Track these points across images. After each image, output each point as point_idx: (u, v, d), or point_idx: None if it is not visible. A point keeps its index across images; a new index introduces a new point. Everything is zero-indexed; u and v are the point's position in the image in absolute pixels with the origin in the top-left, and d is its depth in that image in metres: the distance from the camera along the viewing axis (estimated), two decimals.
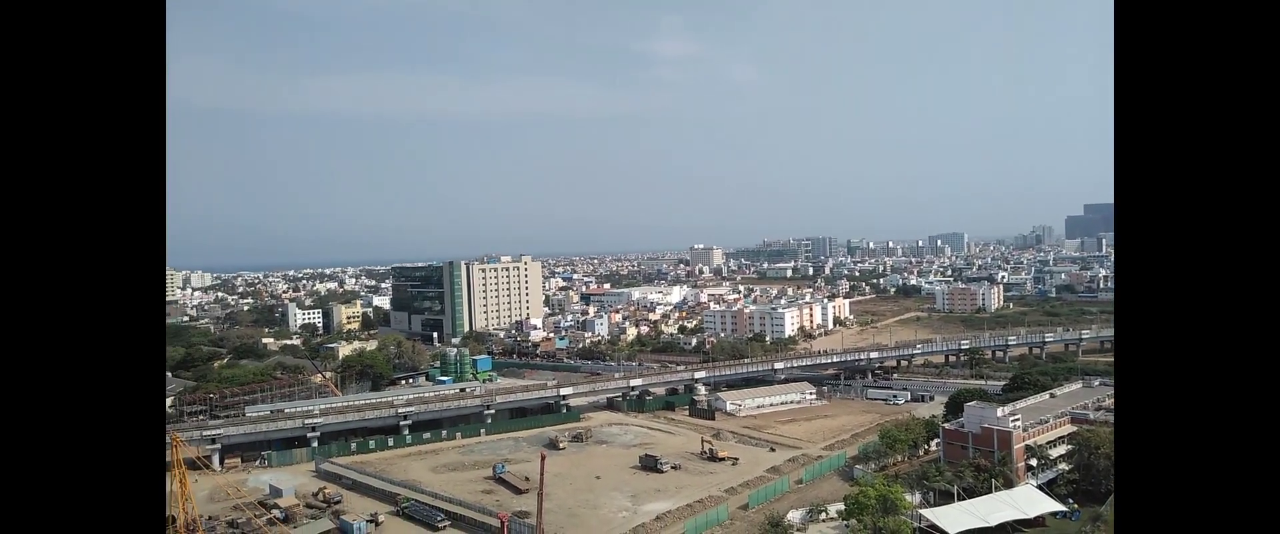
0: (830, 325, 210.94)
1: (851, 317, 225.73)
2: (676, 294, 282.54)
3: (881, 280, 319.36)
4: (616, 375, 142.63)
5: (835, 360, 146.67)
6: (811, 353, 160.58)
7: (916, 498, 70.15)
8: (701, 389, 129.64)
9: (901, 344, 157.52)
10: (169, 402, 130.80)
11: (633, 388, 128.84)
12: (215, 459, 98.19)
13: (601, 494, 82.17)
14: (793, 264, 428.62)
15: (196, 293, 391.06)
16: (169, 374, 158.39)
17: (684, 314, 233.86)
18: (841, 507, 66.36)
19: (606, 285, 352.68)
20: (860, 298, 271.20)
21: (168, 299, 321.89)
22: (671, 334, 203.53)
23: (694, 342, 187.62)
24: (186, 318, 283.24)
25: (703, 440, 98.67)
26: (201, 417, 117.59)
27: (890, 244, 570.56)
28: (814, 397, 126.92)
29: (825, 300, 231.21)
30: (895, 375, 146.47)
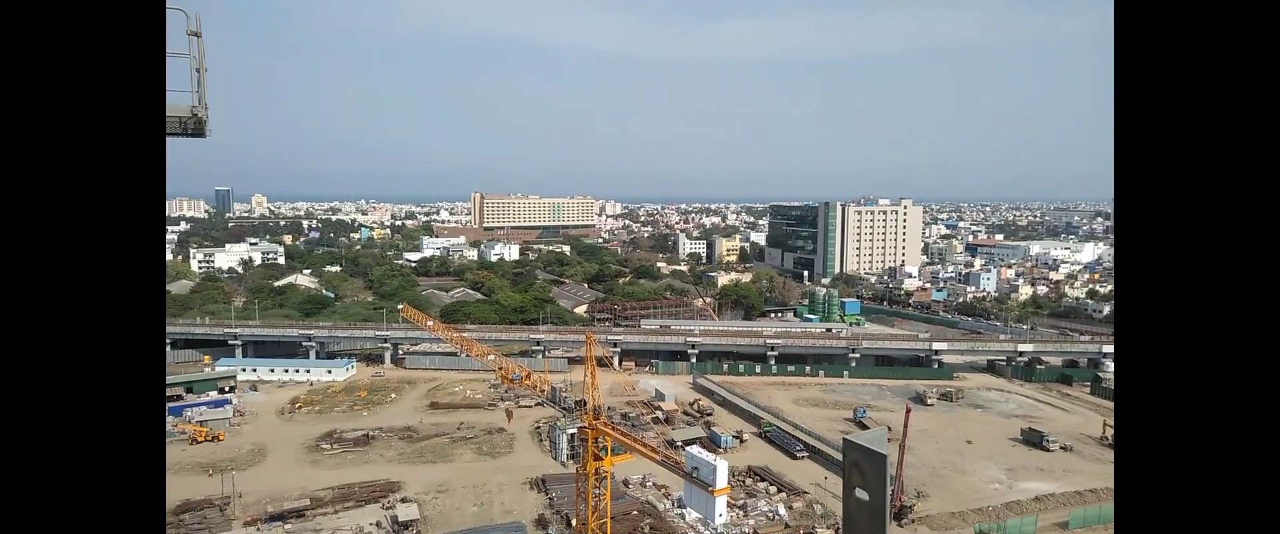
0: None
1: None
2: (1088, 252, 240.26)
3: None
4: (1001, 337, 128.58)
5: None
6: None
7: None
8: (1111, 365, 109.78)
9: None
10: (582, 309, 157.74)
11: (1020, 353, 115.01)
12: (615, 360, 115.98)
13: (971, 460, 76.30)
14: None
15: (609, 219, 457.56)
16: (584, 285, 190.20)
17: (1096, 277, 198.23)
18: None
19: (998, 236, 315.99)
20: None
21: (587, 223, 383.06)
22: (1077, 298, 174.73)
23: (1106, 309, 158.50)
24: (601, 240, 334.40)
25: (1106, 424, 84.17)
26: (607, 324, 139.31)
27: None
28: None
29: None
30: None
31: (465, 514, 64.04)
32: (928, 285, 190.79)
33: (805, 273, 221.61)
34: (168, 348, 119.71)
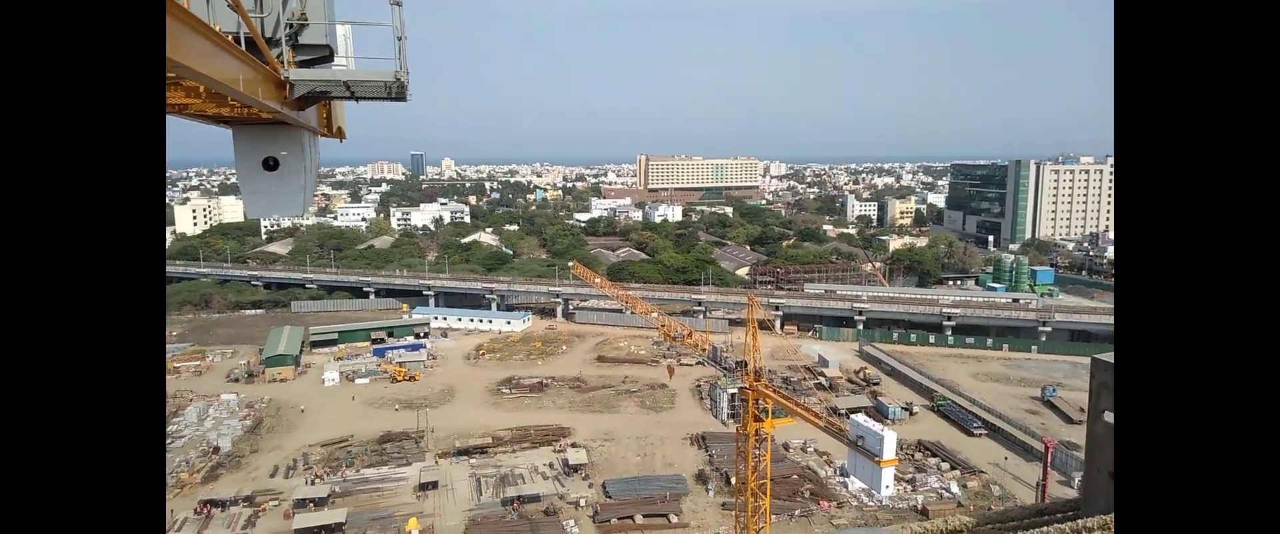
0: None
1: None
2: None
3: None
4: None
5: None
6: None
7: None
8: None
9: None
10: (745, 271, 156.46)
11: None
12: (777, 324, 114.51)
13: None
14: None
15: (773, 180, 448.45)
16: (746, 247, 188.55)
17: None
18: None
19: None
20: None
21: (750, 184, 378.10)
22: None
23: None
24: (764, 201, 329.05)
25: None
26: (769, 286, 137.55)
27: None
28: None
29: None
30: None
31: (629, 463, 66.92)
32: None
33: (990, 238, 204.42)
34: (372, 295, 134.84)
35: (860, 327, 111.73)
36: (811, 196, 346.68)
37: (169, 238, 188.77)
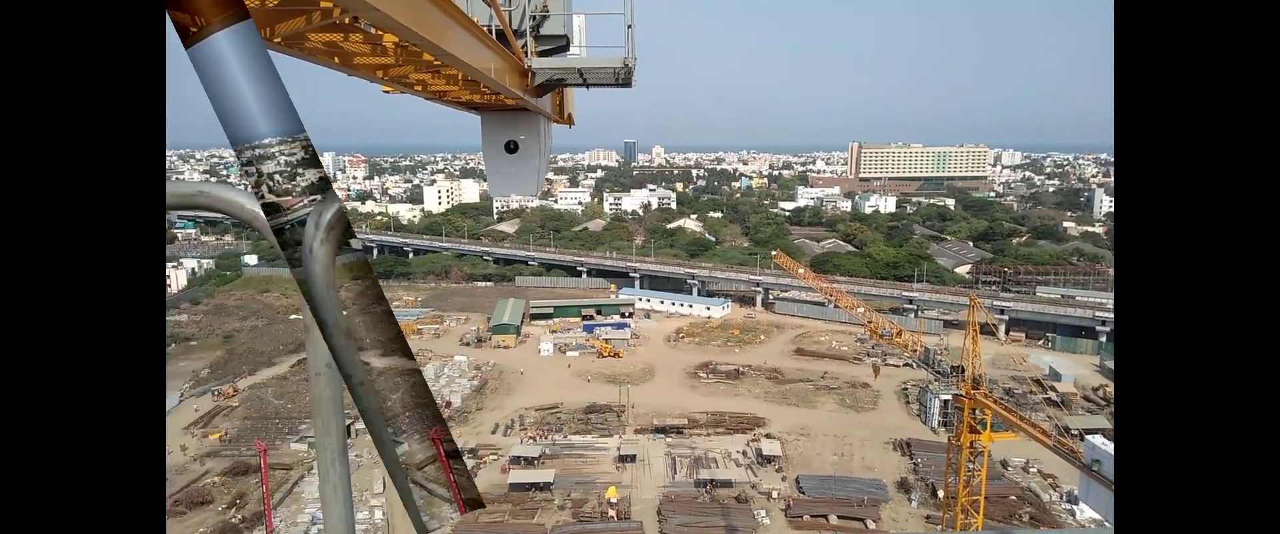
0: None
1: None
2: None
3: None
4: None
5: None
6: None
7: None
8: None
9: None
10: (966, 269, 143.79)
11: None
12: (1001, 329, 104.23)
13: None
14: None
15: (1005, 170, 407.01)
16: (968, 243, 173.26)
17: None
18: None
19: None
20: None
21: (978, 174, 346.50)
22: None
23: None
24: (993, 194, 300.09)
25: None
26: (994, 287, 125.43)
27: None
28: None
29: None
30: None
31: (824, 461, 65.01)
32: None
33: None
34: (584, 274, 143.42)
35: (1103, 339, 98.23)
36: (1050, 189, 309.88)
37: (417, 215, 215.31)
